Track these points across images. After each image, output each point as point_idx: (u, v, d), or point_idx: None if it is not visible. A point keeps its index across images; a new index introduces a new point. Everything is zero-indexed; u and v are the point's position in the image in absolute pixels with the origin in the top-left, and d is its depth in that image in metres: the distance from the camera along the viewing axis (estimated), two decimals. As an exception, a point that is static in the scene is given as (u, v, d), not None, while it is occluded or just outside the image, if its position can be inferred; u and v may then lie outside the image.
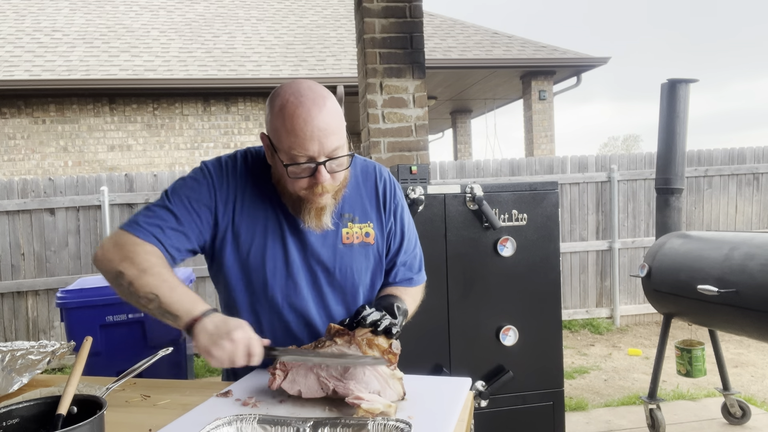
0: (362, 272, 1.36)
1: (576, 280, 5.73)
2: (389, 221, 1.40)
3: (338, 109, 1.21)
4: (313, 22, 10.10)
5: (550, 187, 2.58)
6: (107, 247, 1.22)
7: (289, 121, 1.15)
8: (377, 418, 0.95)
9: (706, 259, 2.83)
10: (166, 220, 1.24)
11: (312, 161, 1.17)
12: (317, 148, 1.16)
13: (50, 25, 9.07)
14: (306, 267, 1.32)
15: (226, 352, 1.07)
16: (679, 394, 3.78)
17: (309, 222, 1.26)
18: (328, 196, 1.24)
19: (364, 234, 1.35)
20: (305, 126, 1.14)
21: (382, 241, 1.38)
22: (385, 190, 1.40)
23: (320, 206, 1.24)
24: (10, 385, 1.33)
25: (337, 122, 1.19)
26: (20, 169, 7.48)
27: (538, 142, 8.95)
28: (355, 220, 1.34)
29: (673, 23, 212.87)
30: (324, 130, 1.15)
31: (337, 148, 1.19)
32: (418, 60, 3.13)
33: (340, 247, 1.33)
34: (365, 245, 1.35)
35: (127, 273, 1.16)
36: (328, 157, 1.18)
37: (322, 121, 1.15)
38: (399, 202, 1.43)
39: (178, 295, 1.15)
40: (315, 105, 1.16)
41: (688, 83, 3.30)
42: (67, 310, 2.99)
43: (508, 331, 2.52)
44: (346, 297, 1.37)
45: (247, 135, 8.02)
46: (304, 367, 1.14)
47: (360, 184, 1.38)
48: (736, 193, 5.96)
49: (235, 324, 1.10)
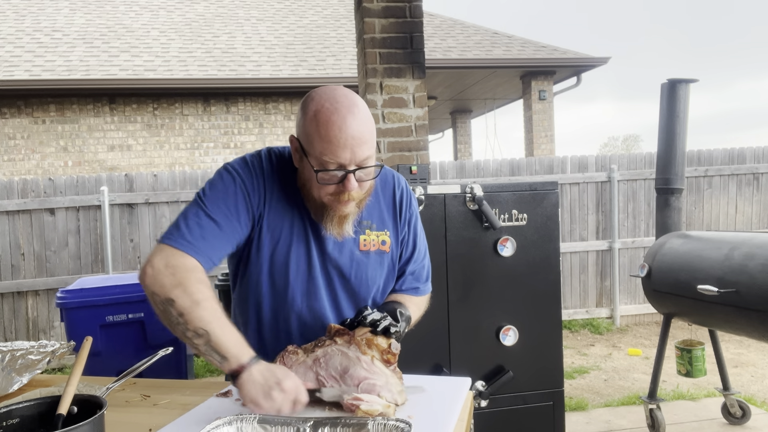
0: (376, 279, 1.38)
1: (576, 280, 5.73)
2: (403, 230, 1.41)
3: (370, 118, 1.21)
4: (313, 22, 10.10)
5: (550, 187, 2.58)
6: (158, 268, 1.14)
7: (323, 128, 1.14)
8: (377, 418, 0.95)
9: (706, 259, 2.83)
10: (211, 231, 1.21)
11: (342, 169, 1.17)
12: (349, 156, 1.15)
13: (50, 25, 9.07)
14: (324, 271, 1.33)
15: (277, 403, 1.04)
16: (679, 394, 3.78)
17: (331, 229, 1.26)
18: (352, 204, 1.24)
19: (380, 242, 1.35)
20: (339, 133, 1.14)
21: (397, 250, 1.40)
22: (402, 199, 1.41)
23: (344, 214, 1.24)
24: (10, 385, 1.33)
25: (370, 131, 1.19)
26: (20, 169, 7.48)
27: (538, 142, 8.95)
28: (373, 228, 1.35)
29: (677, 24, 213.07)
30: (357, 139, 1.15)
31: (368, 157, 1.19)
32: (418, 60, 3.13)
33: (357, 254, 1.33)
34: (381, 253, 1.36)
35: (179, 302, 1.10)
36: (359, 166, 1.18)
37: (356, 130, 1.15)
38: (414, 212, 1.44)
39: (228, 336, 1.10)
40: (350, 113, 1.15)
41: (688, 83, 3.30)
42: (67, 310, 2.99)
43: (508, 331, 2.52)
44: (359, 302, 1.38)
45: (247, 135, 8.02)
46: (303, 366, 1.14)
47: (379, 192, 1.37)
48: (736, 193, 5.96)
49: (282, 373, 1.07)
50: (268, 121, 8.05)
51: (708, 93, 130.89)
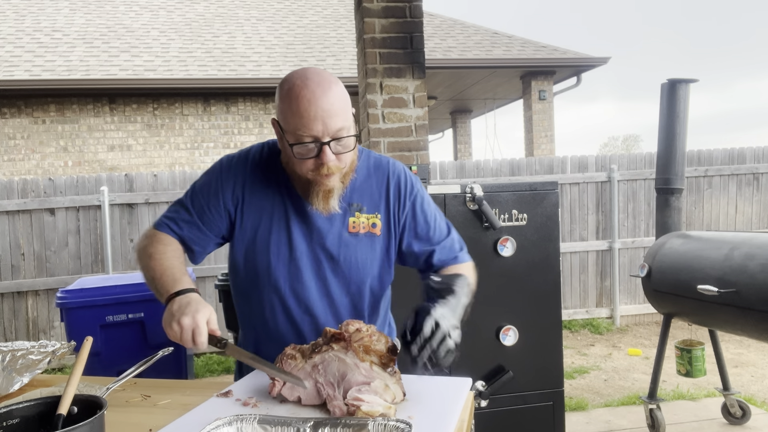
0: (368, 263, 1.36)
1: (576, 280, 5.73)
2: (404, 214, 1.39)
3: (344, 94, 1.24)
4: (313, 22, 10.10)
5: (550, 187, 2.58)
6: (139, 240, 1.39)
7: (294, 103, 1.19)
8: (377, 419, 0.95)
9: (706, 259, 2.83)
10: (181, 215, 1.37)
11: (317, 141, 1.20)
12: (321, 128, 1.19)
13: (50, 25, 9.07)
14: (311, 254, 1.34)
15: (175, 333, 1.15)
16: (679, 394, 3.78)
17: (317, 204, 1.29)
18: (335, 178, 1.26)
19: (370, 224, 1.36)
20: (309, 106, 1.18)
21: (390, 235, 1.38)
22: (399, 183, 1.40)
23: (328, 188, 1.27)
24: (10, 385, 1.33)
25: (342, 104, 1.22)
26: (20, 169, 7.48)
27: (538, 142, 8.95)
28: (363, 210, 1.36)
29: (677, 25, 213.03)
30: (327, 111, 1.18)
31: (342, 128, 1.21)
32: (418, 60, 3.13)
33: (345, 235, 1.34)
34: (371, 236, 1.36)
35: (141, 260, 1.33)
36: (333, 138, 1.21)
37: (326, 102, 1.19)
38: (416, 194, 1.42)
39: (167, 277, 1.26)
40: (319, 87, 1.20)
41: (688, 83, 3.30)
42: (67, 310, 2.99)
43: (508, 331, 2.52)
44: (351, 287, 1.37)
45: (247, 135, 8.02)
46: (302, 373, 1.14)
47: (371, 176, 1.39)
48: (736, 193, 5.96)
49: (191, 309, 1.16)
50: (268, 121, 8.05)
51: (708, 93, 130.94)
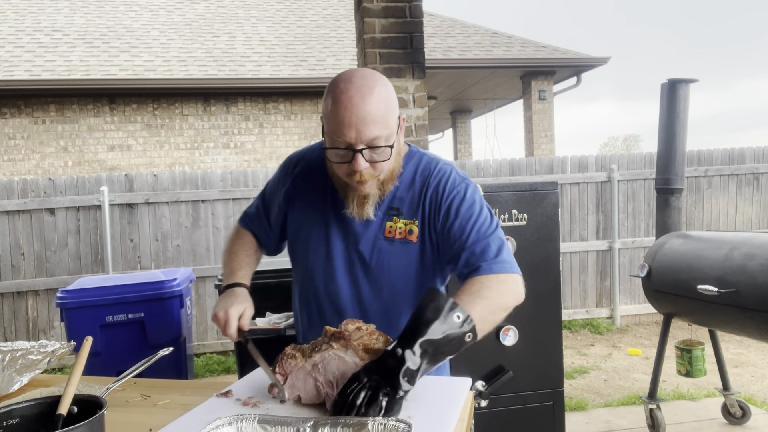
0: (401, 270, 1.31)
1: (576, 280, 5.73)
2: (440, 219, 1.30)
3: (386, 100, 1.20)
4: (313, 22, 10.09)
5: (550, 187, 2.58)
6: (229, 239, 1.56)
7: (333, 106, 1.18)
8: (377, 418, 0.95)
9: (706, 259, 2.83)
10: (253, 209, 1.55)
11: (350, 148, 1.18)
12: (354, 136, 1.17)
13: (50, 25, 9.07)
14: (346, 256, 1.35)
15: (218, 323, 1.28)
16: (679, 394, 3.78)
17: (352, 209, 1.28)
18: (371, 185, 1.25)
19: (407, 231, 1.31)
20: (345, 112, 1.16)
21: (425, 242, 1.31)
22: (438, 187, 1.31)
23: (363, 194, 1.26)
24: (10, 385, 1.33)
25: (381, 112, 1.17)
26: (20, 169, 7.48)
27: (538, 142, 8.95)
28: (401, 215, 1.32)
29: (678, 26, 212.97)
30: (363, 119, 1.16)
31: (377, 137, 1.18)
32: (418, 60, 3.13)
33: (380, 240, 1.32)
34: (406, 242, 1.31)
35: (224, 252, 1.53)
36: (367, 146, 1.18)
37: (363, 110, 1.16)
38: (455, 196, 1.30)
39: (227, 269, 1.44)
40: (358, 93, 1.16)
41: (688, 83, 3.30)
42: (67, 310, 2.99)
43: (508, 331, 2.52)
44: (383, 293, 1.33)
45: (247, 135, 8.02)
46: (302, 372, 1.14)
47: (416, 182, 1.34)
48: (736, 193, 5.96)
49: (228, 303, 1.28)
50: (268, 121, 8.05)
51: (709, 93, 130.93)
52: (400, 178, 1.33)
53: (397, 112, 1.24)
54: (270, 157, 8.05)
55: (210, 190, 5.21)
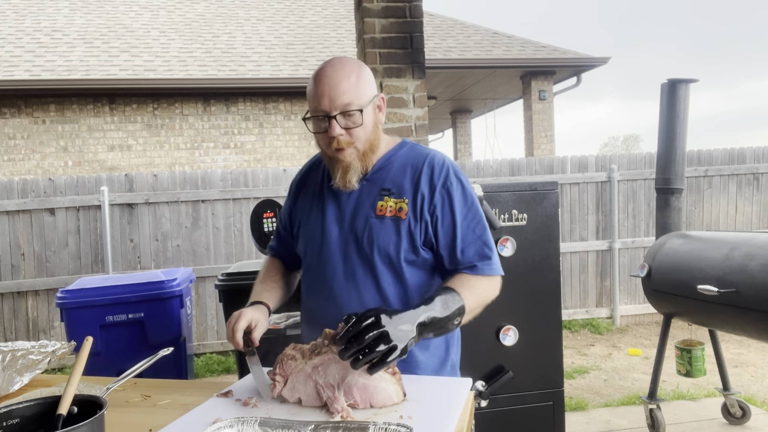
0: (390, 246, 1.36)
1: (576, 280, 5.73)
2: (434, 205, 1.37)
3: (358, 75, 1.34)
4: (313, 22, 10.09)
5: (550, 187, 2.58)
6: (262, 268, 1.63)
7: (312, 83, 1.34)
8: (378, 422, 0.95)
9: (706, 259, 2.83)
10: (277, 233, 1.64)
11: (326, 115, 1.31)
12: (328, 104, 1.30)
13: (50, 25, 9.07)
14: (341, 237, 1.41)
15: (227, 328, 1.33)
16: (679, 394, 3.78)
17: (337, 180, 1.38)
18: (350, 153, 1.35)
19: (397, 209, 1.38)
20: (319, 83, 1.32)
21: (415, 222, 1.37)
22: (431, 174, 1.39)
23: (346, 163, 1.35)
24: (10, 385, 1.33)
25: (353, 84, 1.32)
26: (20, 169, 7.48)
27: (538, 142, 8.95)
28: (392, 195, 1.40)
29: (681, 24, 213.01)
30: (335, 88, 1.30)
31: (349, 104, 1.31)
32: (418, 60, 3.13)
33: (372, 218, 1.39)
34: (397, 219, 1.37)
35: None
36: (340, 112, 1.31)
37: (334, 80, 1.31)
38: (450, 188, 1.38)
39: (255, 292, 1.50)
40: (332, 68, 1.33)
41: (688, 83, 3.30)
42: (67, 310, 2.99)
43: (508, 331, 2.52)
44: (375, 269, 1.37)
45: (247, 135, 8.02)
46: (303, 374, 1.14)
47: (408, 166, 1.42)
48: (736, 193, 5.96)
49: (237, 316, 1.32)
50: (268, 121, 8.05)
51: (710, 93, 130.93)
52: (394, 162, 1.42)
53: (373, 91, 1.38)
54: (270, 157, 8.05)
55: (210, 190, 5.21)
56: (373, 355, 1.04)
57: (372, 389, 1.09)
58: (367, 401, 1.09)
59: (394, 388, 1.10)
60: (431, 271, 1.41)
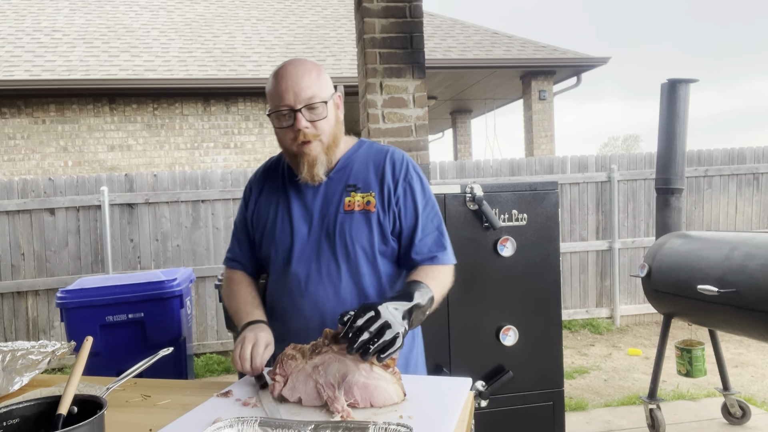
0: (363, 238, 1.42)
1: (576, 280, 5.73)
2: (397, 197, 1.45)
3: (319, 73, 1.40)
4: (313, 22, 10.09)
5: (550, 187, 2.58)
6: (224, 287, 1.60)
7: (273, 81, 1.39)
8: (378, 422, 0.95)
9: (706, 259, 2.83)
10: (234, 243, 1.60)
11: (290, 109, 1.35)
12: (292, 98, 1.35)
13: (50, 25, 9.07)
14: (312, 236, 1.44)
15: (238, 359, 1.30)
16: (679, 394, 3.78)
17: (304, 174, 1.41)
18: (315, 146, 1.39)
19: (365, 202, 1.43)
20: (281, 80, 1.37)
21: (384, 213, 1.44)
22: (394, 168, 1.47)
23: (311, 157, 1.39)
24: (10, 385, 1.33)
25: (314, 80, 1.38)
26: (20, 169, 7.48)
27: (538, 142, 8.95)
28: (358, 190, 1.44)
29: (681, 25, 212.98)
30: (298, 83, 1.36)
31: (313, 97, 1.36)
32: (418, 60, 3.13)
33: (341, 213, 1.43)
34: (366, 212, 1.43)
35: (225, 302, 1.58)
36: (304, 105, 1.35)
37: (296, 76, 1.37)
38: (411, 181, 1.47)
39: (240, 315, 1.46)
40: (293, 66, 1.39)
41: (688, 83, 3.30)
42: (67, 310, 2.99)
43: (508, 331, 2.52)
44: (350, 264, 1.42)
45: (247, 135, 8.02)
46: (303, 373, 1.14)
47: (370, 162, 1.49)
48: (736, 193, 5.96)
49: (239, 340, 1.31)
50: (268, 121, 8.04)
51: (709, 93, 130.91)
52: (355, 159, 1.48)
53: (332, 89, 1.43)
54: (270, 157, 8.05)
55: (210, 190, 5.21)
56: (381, 342, 1.08)
57: (372, 389, 1.09)
58: (367, 400, 1.09)
59: (394, 387, 1.11)
60: (398, 261, 1.49)
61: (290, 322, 1.44)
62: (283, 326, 1.46)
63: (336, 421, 0.99)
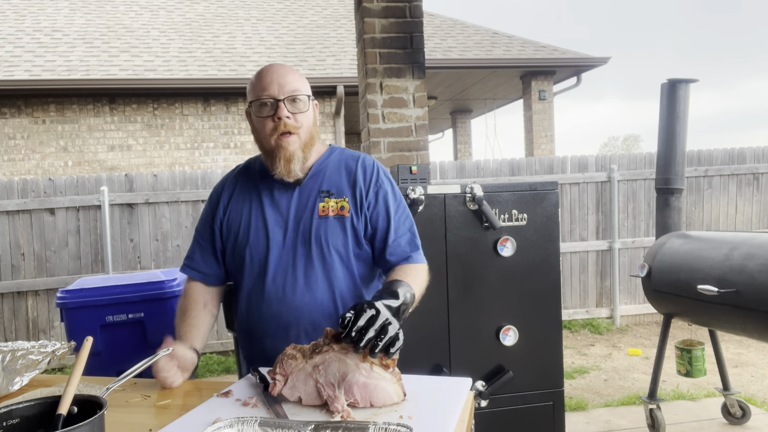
0: (338, 243, 1.46)
1: (576, 280, 5.73)
2: (368, 200, 1.49)
3: (302, 77, 1.48)
4: (313, 22, 10.09)
5: (550, 187, 2.58)
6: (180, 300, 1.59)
7: (255, 79, 1.45)
8: (378, 422, 0.95)
9: (706, 259, 2.83)
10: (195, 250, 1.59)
11: (273, 99, 1.41)
12: (276, 89, 1.41)
13: (50, 25, 9.07)
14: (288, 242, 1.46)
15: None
16: (679, 394, 3.78)
17: (280, 170, 1.43)
18: (294, 141, 1.43)
19: (339, 207, 1.47)
20: (266, 74, 1.43)
21: (357, 218, 1.48)
22: (365, 173, 1.51)
23: (289, 152, 1.42)
24: (10, 385, 1.33)
25: (297, 78, 1.45)
26: (20, 169, 7.48)
27: (538, 142, 8.95)
28: (332, 196, 1.48)
29: (682, 24, 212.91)
30: (282, 76, 1.42)
31: (296, 90, 1.42)
32: (418, 60, 3.13)
33: (316, 219, 1.46)
34: (340, 217, 1.47)
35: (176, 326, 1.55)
36: (287, 97, 1.41)
37: (281, 71, 1.43)
38: (382, 185, 1.52)
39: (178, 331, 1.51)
40: (277, 65, 1.46)
41: (688, 83, 3.30)
42: (67, 310, 2.99)
43: (508, 331, 2.52)
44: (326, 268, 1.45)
45: (247, 135, 8.01)
46: (303, 373, 1.14)
47: (342, 168, 1.53)
48: (736, 193, 5.96)
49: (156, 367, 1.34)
50: (268, 121, 8.05)
51: (709, 93, 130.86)
52: (327, 165, 1.52)
53: (310, 94, 1.48)
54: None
55: (210, 190, 5.20)
56: (387, 339, 1.09)
57: (372, 388, 1.09)
58: (367, 400, 1.09)
59: (394, 387, 1.11)
60: (372, 263, 1.53)
61: (268, 327, 1.46)
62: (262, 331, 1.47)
63: (336, 421, 0.99)
